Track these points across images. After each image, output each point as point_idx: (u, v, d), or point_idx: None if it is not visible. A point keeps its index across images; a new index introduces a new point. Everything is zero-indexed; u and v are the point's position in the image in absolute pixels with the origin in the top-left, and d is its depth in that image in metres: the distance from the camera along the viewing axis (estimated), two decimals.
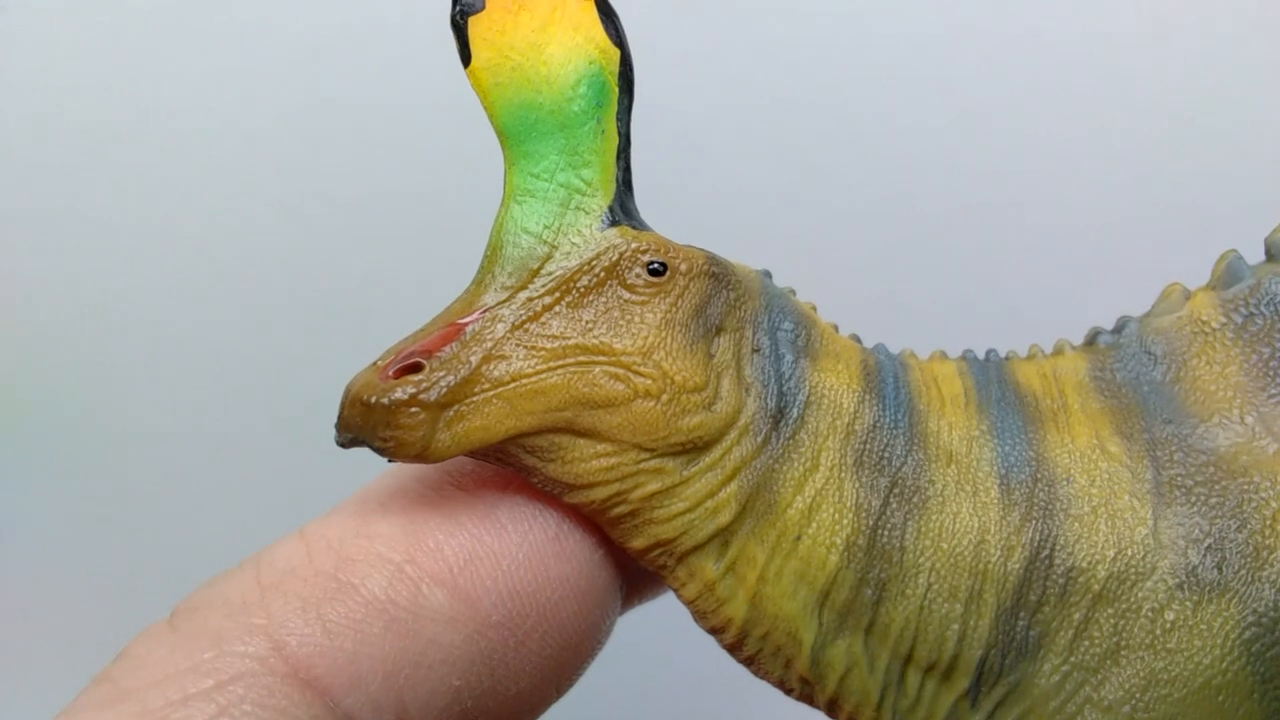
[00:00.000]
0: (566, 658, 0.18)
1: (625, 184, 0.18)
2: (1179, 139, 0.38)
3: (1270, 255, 0.20)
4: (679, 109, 0.38)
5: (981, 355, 0.21)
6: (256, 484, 0.42)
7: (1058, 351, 0.20)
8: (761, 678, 0.19)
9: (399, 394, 0.16)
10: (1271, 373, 0.19)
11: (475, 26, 0.17)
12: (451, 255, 0.20)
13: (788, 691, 0.19)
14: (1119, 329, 0.20)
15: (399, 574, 0.17)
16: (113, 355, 0.42)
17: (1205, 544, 0.18)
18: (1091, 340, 0.20)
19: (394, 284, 0.38)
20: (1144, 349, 0.19)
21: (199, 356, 0.42)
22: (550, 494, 0.18)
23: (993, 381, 0.20)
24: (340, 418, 0.17)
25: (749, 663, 0.19)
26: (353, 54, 0.39)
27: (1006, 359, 0.20)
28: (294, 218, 0.41)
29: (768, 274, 0.20)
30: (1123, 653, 0.17)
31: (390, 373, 0.17)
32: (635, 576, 0.20)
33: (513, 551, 0.18)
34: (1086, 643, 0.18)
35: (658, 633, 0.21)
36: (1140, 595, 0.17)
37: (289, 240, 0.41)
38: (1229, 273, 0.20)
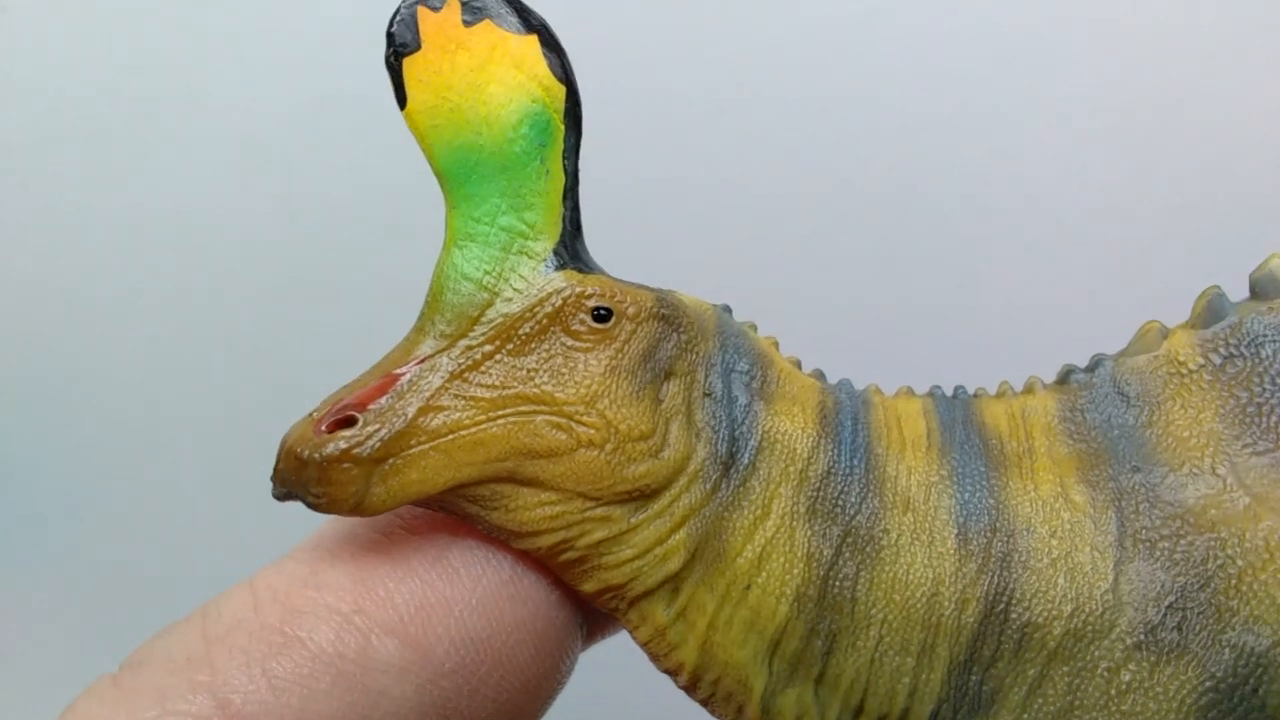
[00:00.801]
0: (524, 701, 0.18)
1: (574, 224, 0.18)
2: (1172, 151, 0.36)
3: (1255, 292, 0.19)
4: (661, 116, 0.37)
5: (951, 390, 0.20)
6: (253, 484, 0.42)
7: (1028, 390, 0.20)
8: (718, 719, 0.19)
9: (330, 449, 0.16)
10: (1248, 419, 0.18)
11: (410, 67, 0.17)
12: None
13: None
14: (1092, 367, 0.19)
15: (347, 625, 0.17)
16: (112, 355, 0.42)
17: (1166, 602, 0.17)
18: (1064, 378, 0.19)
19: (395, 283, 0.37)
20: (1117, 389, 0.19)
21: (197, 355, 0.42)
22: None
23: (958, 422, 0.19)
24: (275, 470, 0.17)
25: (705, 704, 0.19)
26: (353, 53, 0.38)
27: (975, 396, 0.20)
28: (294, 218, 0.40)
29: (727, 309, 0.20)
30: (1076, 712, 0.17)
31: (323, 426, 0.16)
32: (597, 613, 0.19)
33: (465, 597, 0.17)
34: (1040, 700, 0.17)
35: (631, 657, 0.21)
36: (1097, 654, 0.17)
37: (290, 231, 0.41)
38: (1210, 310, 0.19)
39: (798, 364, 0.20)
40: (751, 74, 0.38)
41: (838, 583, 0.18)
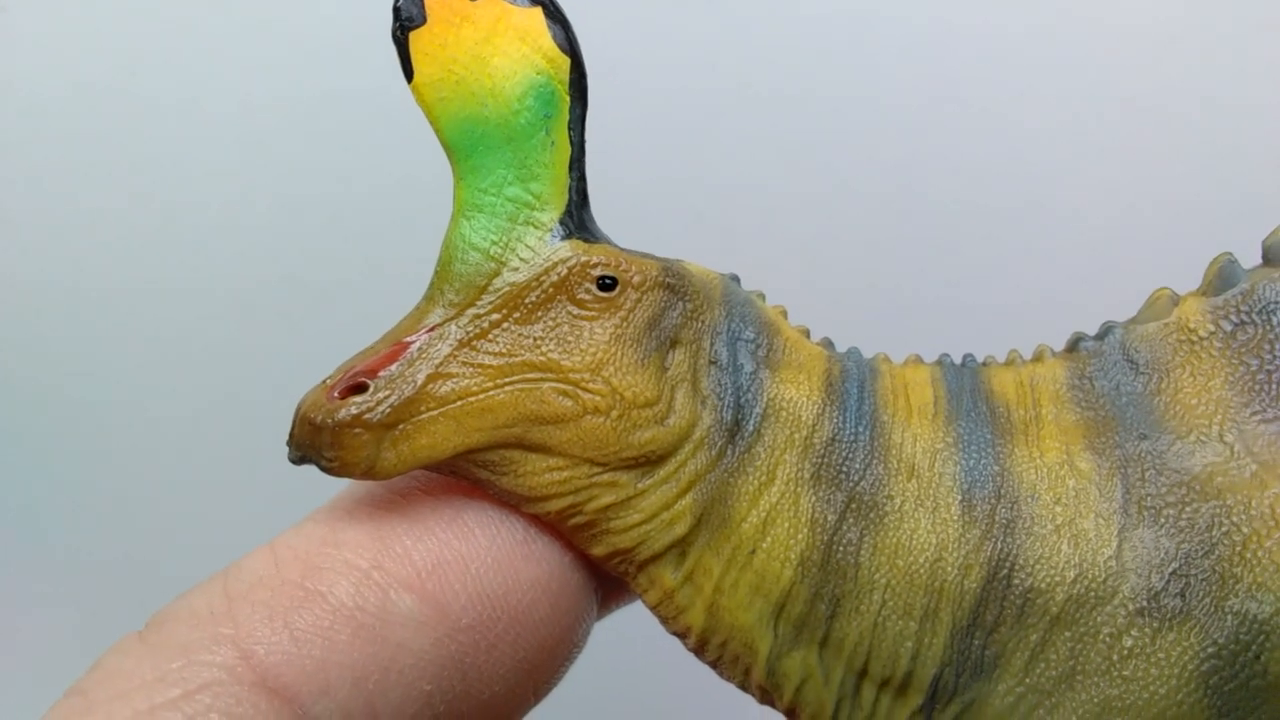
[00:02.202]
0: (541, 660, 0.19)
1: (580, 195, 0.18)
2: (1179, 137, 0.36)
3: (1267, 259, 0.19)
4: (667, 103, 0.37)
5: (959, 359, 0.20)
6: (251, 481, 0.42)
7: (1037, 358, 0.20)
8: (726, 680, 0.19)
9: (343, 414, 0.17)
10: (1258, 387, 0.18)
11: (417, 41, 0.17)
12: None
13: (753, 695, 0.19)
14: (1102, 335, 0.19)
15: (366, 580, 0.17)
16: (112, 354, 0.42)
17: (1170, 569, 0.17)
18: (1073, 346, 0.19)
19: (394, 280, 0.37)
20: (1126, 357, 0.19)
21: (198, 354, 0.42)
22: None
23: (965, 390, 0.19)
24: (291, 435, 0.17)
25: (712, 666, 0.19)
26: (353, 51, 0.38)
27: (984, 364, 0.20)
28: (295, 216, 0.41)
29: (735, 278, 0.20)
30: (1078, 677, 0.17)
31: (336, 393, 0.17)
32: (611, 581, 0.20)
33: (481, 555, 0.18)
34: (1042, 665, 0.17)
35: (645, 633, 0.21)
36: (1099, 619, 0.17)
37: (290, 232, 0.41)
38: (1221, 277, 0.19)
39: (806, 333, 0.20)
40: (765, 48, 0.37)
41: (841, 548, 0.18)
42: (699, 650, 0.19)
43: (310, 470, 0.17)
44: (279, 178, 0.40)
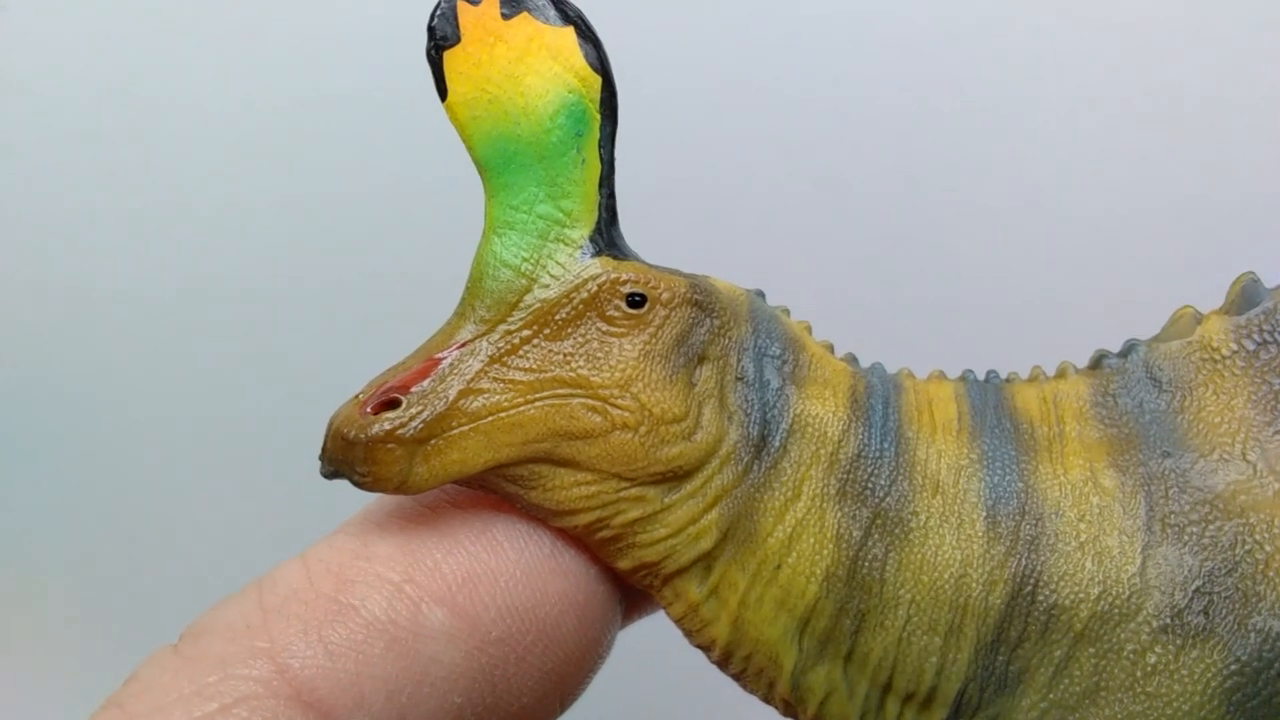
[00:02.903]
0: (568, 672, 0.19)
1: (609, 212, 0.18)
2: (1188, 136, 0.36)
3: None
4: (687, 110, 0.37)
5: (983, 374, 0.20)
6: (264, 488, 0.42)
7: (1061, 374, 0.20)
8: (749, 693, 0.20)
9: (375, 430, 0.17)
10: None
11: (451, 60, 0.17)
12: (459, 254, 0.20)
13: (776, 708, 0.20)
14: (1125, 352, 0.19)
15: (398, 594, 0.17)
16: (112, 354, 0.42)
17: (1193, 586, 0.17)
18: (1097, 363, 0.20)
19: (404, 284, 0.37)
20: (1149, 375, 0.19)
21: (202, 357, 0.42)
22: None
23: (989, 406, 0.19)
24: (323, 450, 0.17)
25: (737, 679, 0.19)
26: (354, 52, 0.38)
27: (1007, 380, 0.20)
28: (296, 216, 0.41)
29: (760, 294, 0.20)
30: (1102, 694, 0.17)
31: (369, 408, 0.17)
32: (634, 591, 0.20)
33: (510, 569, 0.18)
34: (1066, 681, 0.17)
35: (663, 642, 0.21)
36: (1123, 636, 0.17)
37: (289, 231, 0.41)
38: (1244, 297, 0.19)
39: (830, 348, 0.20)
40: (793, 63, 0.38)
41: (866, 563, 0.18)
42: (723, 663, 0.19)
43: (304, 467, 0.17)
44: (280, 178, 0.40)
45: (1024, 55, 0.37)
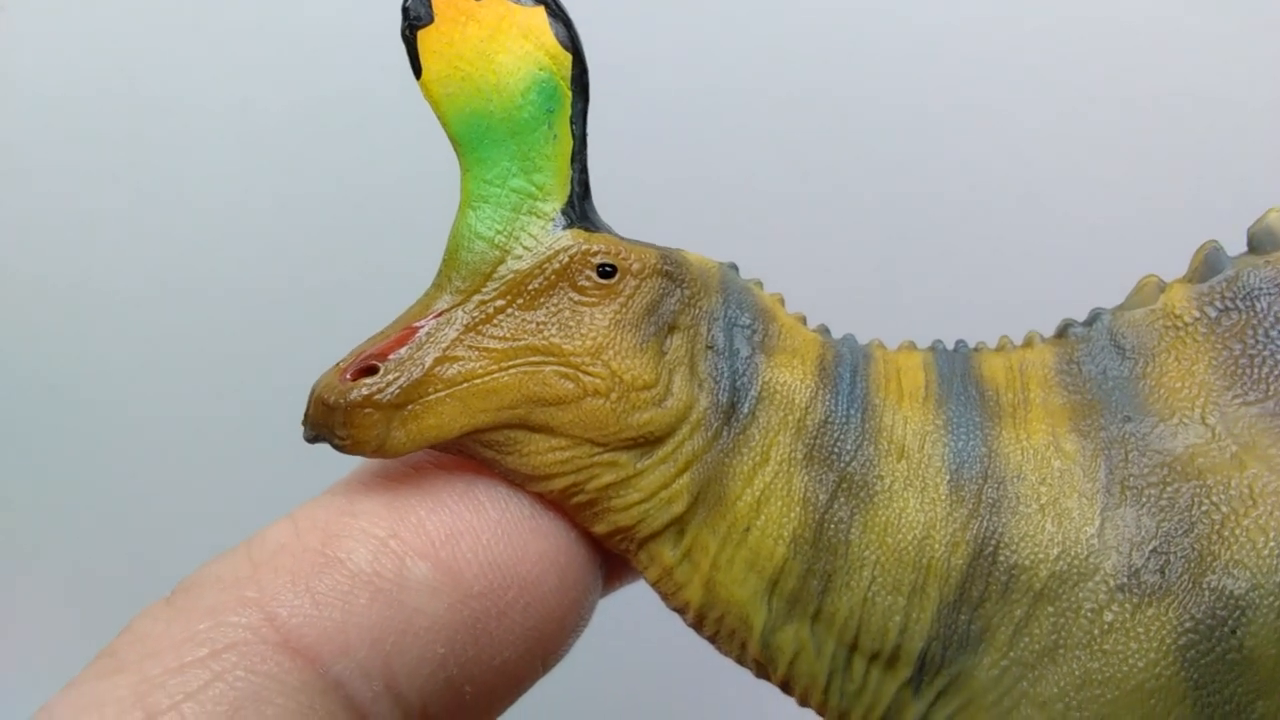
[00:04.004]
0: (549, 630, 0.19)
1: (582, 186, 0.19)
2: (1172, 134, 0.36)
3: (1252, 246, 0.19)
4: (669, 99, 0.37)
5: (953, 345, 0.21)
6: (249, 476, 0.42)
7: (1027, 343, 0.20)
8: (724, 655, 0.20)
9: (354, 395, 0.18)
10: (1240, 371, 0.18)
11: (424, 39, 0.18)
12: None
13: (749, 669, 0.20)
14: (1090, 321, 0.20)
15: (383, 548, 0.18)
16: (113, 352, 0.43)
17: (1150, 547, 0.17)
18: (1062, 331, 0.20)
19: (388, 275, 0.37)
20: (1113, 342, 0.19)
21: (194, 351, 0.42)
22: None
23: (956, 375, 0.20)
24: (306, 415, 0.18)
25: (712, 641, 0.20)
26: (354, 52, 0.39)
27: (975, 350, 0.20)
28: (294, 210, 0.41)
29: (733, 266, 0.20)
30: (1060, 651, 0.18)
31: (348, 375, 0.18)
32: (613, 560, 0.20)
33: (492, 527, 0.19)
34: (1026, 639, 0.18)
35: (652, 625, 0.22)
36: (1081, 595, 0.18)
37: (288, 231, 0.41)
38: (1207, 265, 0.19)
39: (802, 320, 0.21)
40: (763, 43, 0.38)
41: (832, 525, 0.18)
42: (697, 625, 0.20)
43: (305, 467, 0.18)
44: (279, 176, 0.41)
45: (1021, 54, 0.37)
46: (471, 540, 0.18)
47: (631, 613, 0.22)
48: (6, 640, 0.46)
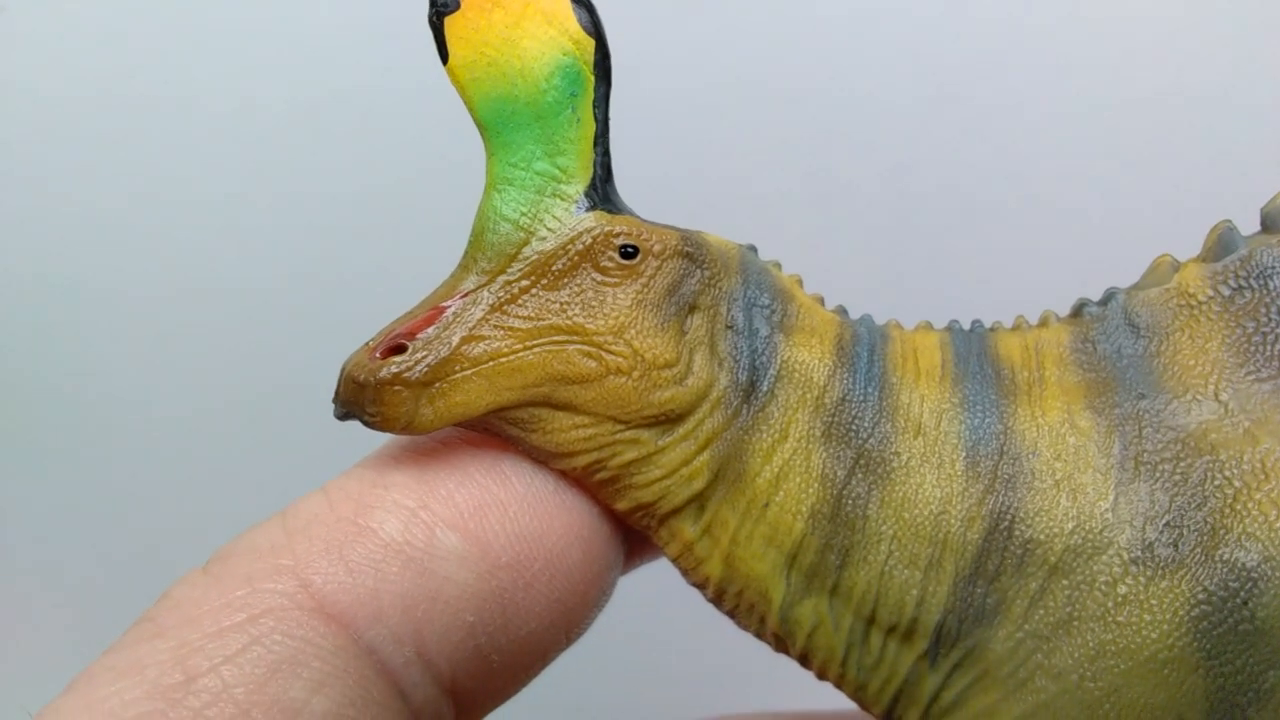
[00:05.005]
0: (574, 604, 0.20)
1: (604, 169, 0.19)
2: (1179, 131, 0.36)
3: (1266, 226, 0.19)
4: (683, 92, 0.37)
5: (968, 325, 0.21)
6: (249, 476, 0.42)
7: (1043, 323, 0.20)
8: (743, 629, 0.21)
9: (384, 373, 0.18)
10: (1253, 348, 0.19)
11: (451, 25, 0.18)
12: (452, 240, 0.21)
13: (768, 643, 0.21)
14: (1105, 300, 0.20)
15: (414, 518, 0.18)
16: (114, 351, 0.43)
17: (1163, 520, 0.18)
18: (1078, 311, 0.20)
19: (393, 272, 0.37)
20: (1127, 321, 0.19)
21: (195, 351, 0.42)
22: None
23: (973, 353, 0.20)
24: (336, 393, 0.19)
25: (730, 615, 0.20)
26: (354, 52, 0.39)
27: (991, 329, 0.21)
28: (294, 210, 0.41)
29: (752, 248, 0.21)
30: (1074, 623, 0.18)
31: (378, 353, 0.18)
32: (634, 536, 0.21)
33: (518, 500, 0.19)
34: (1041, 612, 0.18)
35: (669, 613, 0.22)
36: (1095, 568, 0.18)
37: (288, 231, 0.41)
38: (1220, 244, 0.19)
39: (820, 300, 0.21)
40: (790, 61, 0.38)
41: (850, 501, 0.19)
42: (717, 600, 0.20)
43: (306, 466, 0.18)
44: (280, 176, 0.41)
45: (1018, 53, 0.37)
46: (499, 512, 0.19)
47: (650, 591, 0.23)
48: (6, 640, 0.46)
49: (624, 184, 0.20)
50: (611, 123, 0.19)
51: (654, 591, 0.22)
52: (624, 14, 0.19)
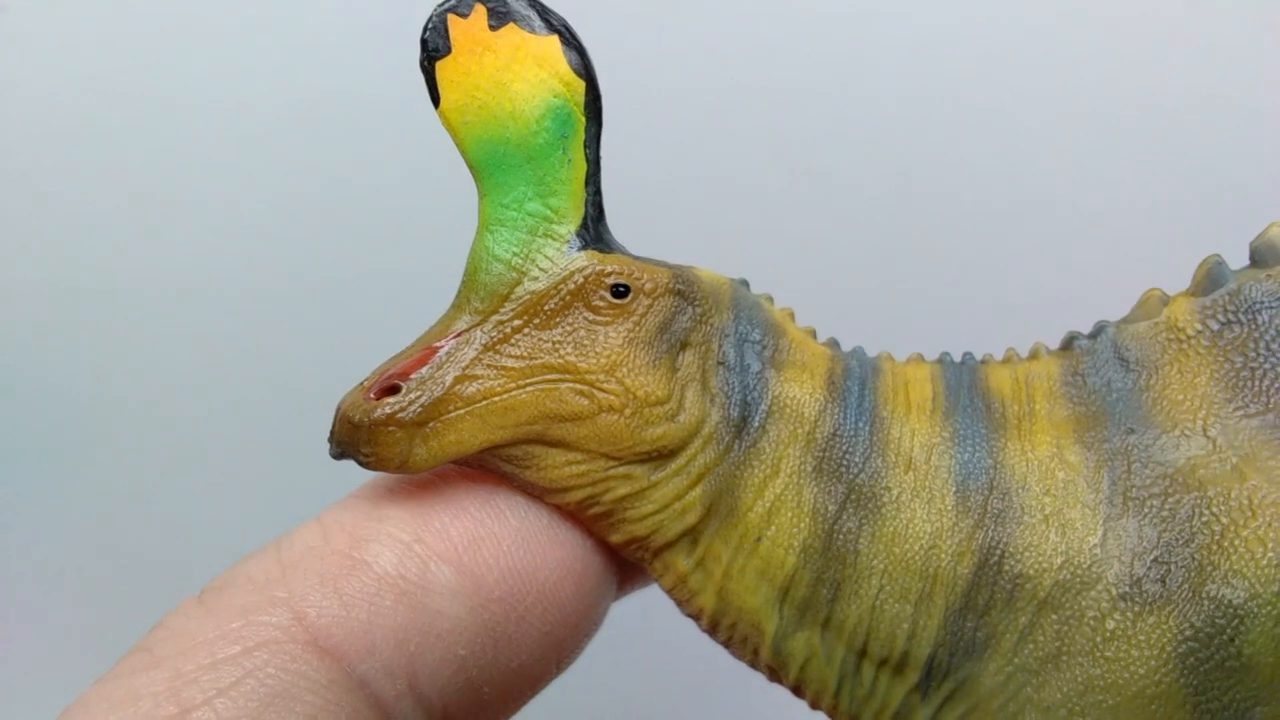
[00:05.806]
0: (565, 636, 0.20)
1: (596, 208, 0.20)
2: (1176, 137, 0.36)
3: (1254, 260, 0.19)
4: (676, 106, 0.37)
5: (959, 357, 0.21)
6: (249, 476, 0.42)
7: (1033, 355, 0.21)
8: (737, 659, 0.21)
9: (378, 414, 0.18)
10: (1241, 383, 0.19)
11: (442, 70, 0.18)
12: (451, 241, 0.21)
13: (762, 673, 0.21)
14: (1095, 333, 0.20)
15: (408, 552, 0.18)
16: (113, 354, 0.43)
17: (1151, 556, 0.18)
18: (1068, 344, 0.20)
19: (398, 281, 0.37)
20: (1117, 355, 0.20)
21: (195, 351, 0.42)
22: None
23: (963, 387, 0.20)
24: (331, 433, 0.19)
25: (725, 646, 0.21)
26: (354, 52, 0.39)
27: (982, 362, 0.21)
28: (296, 215, 0.41)
29: (744, 282, 0.21)
30: (1063, 658, 0.18)
31: (372, 394, 0.18)
32: (627, 565, 0.21)
33: (512, 534, 0.19)
34: (1030, 646, 0.18)
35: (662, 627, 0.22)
36: (1084, 604, 0.18)
37: (292, 238, 0.41)
38: (1210, 278, 0.19)
39: (812, 334, 0.21)
40: (769, 49, 0.38)
41: (841, 535, 0.19)
42: (711, 631, 0.20)
43: (311, 472, 0.19)
44: (280, 177, 0.41)
45: (1018, 53, 0.37)
46: (493, 546, 0.19)
47: (643, 613, 0.23)
48: (7, 640, 0.46)
49: (620, 188, 0.20)
50: (609, 123, 0.20)
51: (652, 596, 0.22)
52: (624, 14, 0.19)
